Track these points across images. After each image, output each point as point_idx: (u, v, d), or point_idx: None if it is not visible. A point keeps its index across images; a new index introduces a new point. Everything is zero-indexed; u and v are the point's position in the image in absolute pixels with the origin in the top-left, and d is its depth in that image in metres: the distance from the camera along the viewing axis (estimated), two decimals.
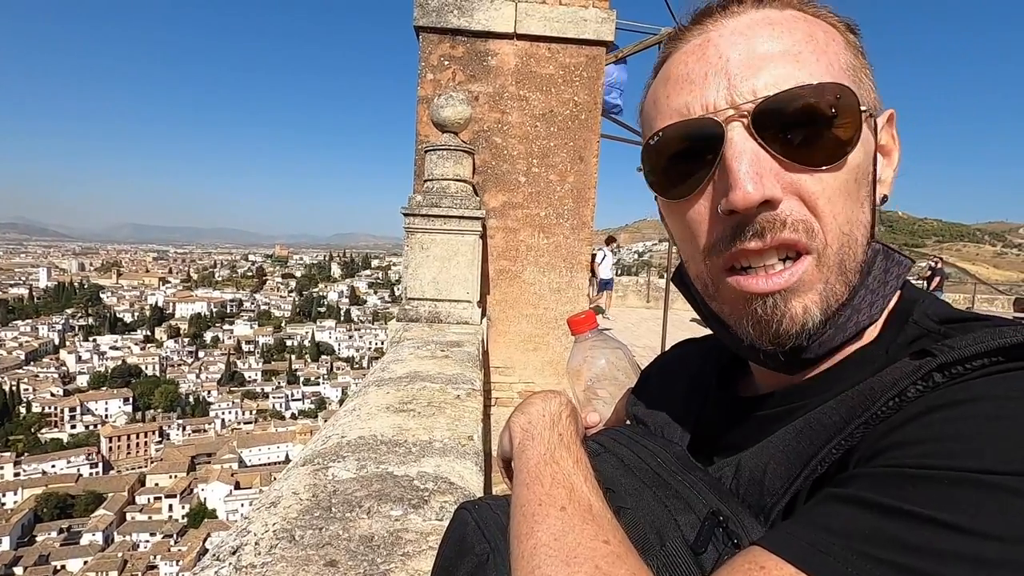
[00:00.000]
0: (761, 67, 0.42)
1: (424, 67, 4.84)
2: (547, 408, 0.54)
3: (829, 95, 0.41)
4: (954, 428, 0.33)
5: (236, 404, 68.73)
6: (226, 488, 46.85)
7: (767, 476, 0.43)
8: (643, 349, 7.48)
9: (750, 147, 0.41)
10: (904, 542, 0.30)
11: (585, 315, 0.72)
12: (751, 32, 0.43)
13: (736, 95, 0.42)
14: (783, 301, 0.43)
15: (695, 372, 0.60)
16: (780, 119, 0.41)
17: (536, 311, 5.07)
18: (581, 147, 4.99)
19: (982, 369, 0.35)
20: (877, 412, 0.37)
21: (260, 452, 56.15)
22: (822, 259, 0.42)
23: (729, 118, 0.42)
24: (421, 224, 3.98)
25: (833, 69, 0.43)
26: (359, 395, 2.16)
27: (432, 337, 3.43)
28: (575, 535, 0.39)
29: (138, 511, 46.05)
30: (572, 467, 0.46)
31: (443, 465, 1.48)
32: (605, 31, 4.89)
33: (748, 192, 0.40)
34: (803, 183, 0.41)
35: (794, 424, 0.43)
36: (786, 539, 0.34)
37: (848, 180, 0.42)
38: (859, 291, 0.44)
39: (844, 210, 0.42)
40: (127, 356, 77.23)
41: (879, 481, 0.33)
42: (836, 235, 0.42)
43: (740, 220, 0.42)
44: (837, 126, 0.41)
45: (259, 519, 1.16)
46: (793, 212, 0.41)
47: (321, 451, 1.55)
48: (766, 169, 0.41)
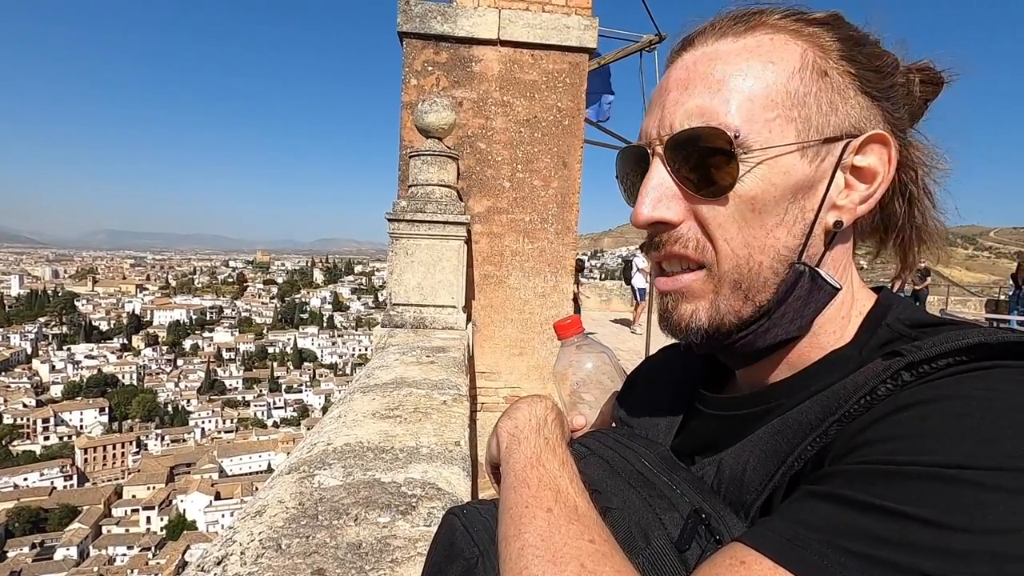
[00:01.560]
0: (684, 103, 0.47)
1: (408, 73, 4.84)
2: (533, 412, 0.55)
3: (717, 138, 0.45)
4: (922, 425, 0.34)
5: (216, 413, 67.53)
6: (206, 499, 45.92)
7: (747, 474, 0.44)
8: (627, 353, 7.53)
9: (659, 174, 0.49)
10: (875, 535, 0.32)
11: (571, 320, 0.73)
12: (694, 67, 0.48)
13: (661, 128, 0.48)
14: (674, 301, 0.50)
15: (679, 374, 0.61)
16: (683, 153, 0.47)
17: (521, 316, 5.08)
18: (565, 152, 5.03)
19: (948, 368, 0.37)
20: (850, 410, 0.39)
21: (241, 461, 55.19)
22: (712, 275, 0.48)
23: (654, 148, 0.49)
24: (406, 229, 3.97)
25: (752, 106, 0.45)
26: (344, 402, 2.15)
27: (418, 343, 3.42)
28: (561, 535, 0.40)
29: (114, 524, 44.92)
30: (558, 469, 0.48)
31: (430, 471, 1.48)
32: (588, 38, 4.94)
33: (641, 212, 0.48)
34: (699, 209, 0.48)
35: (772, 423, 0.45)
36: (765, 535, 0.36)
37: (740, 208, 0.46)
38: (778, 309, 0.47)
39: (739, 235, 0.46)
40: (103, 365, 75.44)
41: (852, 477, 0.35)
42: (728, 255, 0.47)
43: (650, 232, 0.50)
44: (719, 166, 0.45)
45: (244, 528, 1.15)
46: (689, 232, 0.48)
47: (306, 459, 1.53)
48: (668, 195, 0.48)
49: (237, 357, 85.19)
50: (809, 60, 0.46)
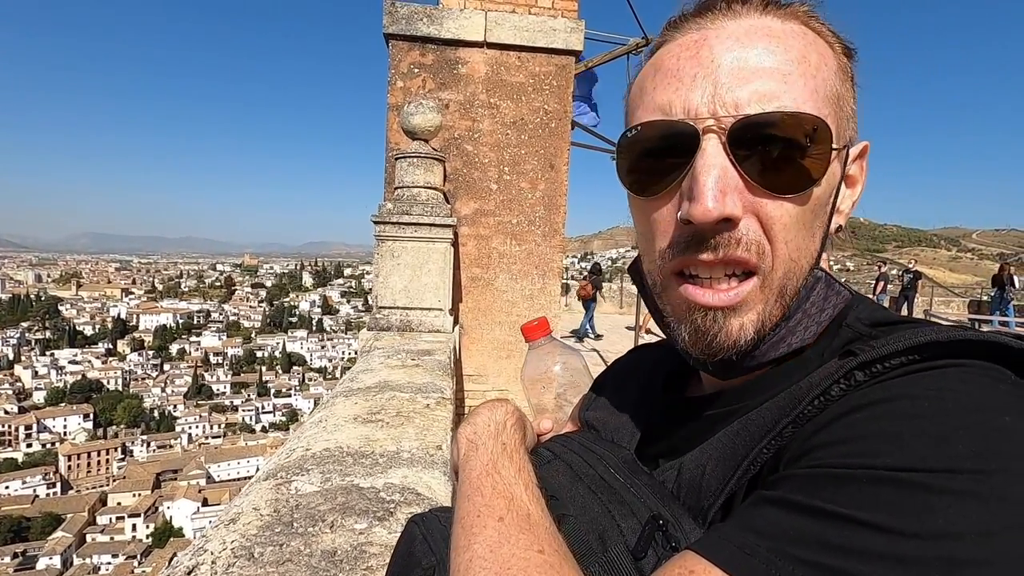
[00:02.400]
0: (749, 80, 0.41)
1: (394, 74, 4.82)
2: (493, 417, 0.54)
3: (807, 126, 0.41)
4: (874, 427, 0.34)
5: (204, 418, 66.68)
6: (193, 505, 45.34)
7: (705, 478, 0.43)
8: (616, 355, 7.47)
9: (721, 162, 0.41)
10: (826, 542, 0.31)
11: (538, 321, 0.73)
12: (748, 40, 0.42)
13: (719, 106, 0.41)
14: (723, 317, 0.44)
15: (647, 376, 0.61)
16: (755, 140, 0.41)
17: (509, 318, 5.07)
18: (552, 155, 5.04)
19: (900, 368, 0.37)
20: (804, 411, 0.38)
21: (229, 467, 54.56)
22: (766, 282, 0.43)
23: (707, 128, 0.42)
24: (392, 232, 3.95)
25: (818, 97, 0.42)
26: (326, 406, 2.12)
27: (403, 346, 3.40)
28: (510, 546, 0.39)
29: (99, 532, 44.15)
30: (514, 476, 0.47)
31: (411, 476, 1.46)
32: (574, 41, 4.96)
33: (708, 208, 0.40)
34: (764, 206, 0.42)
35: (732, 426, 0.44)
36: (716, 542, 0.35)
37: (807, 211, 0.43)
38: (796, 314, 0.45)
39: (796, 238, 0.43)
40: (87, 370, 74.25)
41: (804, 482, 0.34)
42: (784, 261, 0.43)
43: (698, 231, 0.42)
44: (808, 158, 0.41)
45: (217, 537, 1.13)
46: (749, 232, 0.42)
47: (284, 464, 1.51)
48: (731, 186, 0.41)
49: (225, 361, 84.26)
50: (840, 62, 0.46)
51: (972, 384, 0.34)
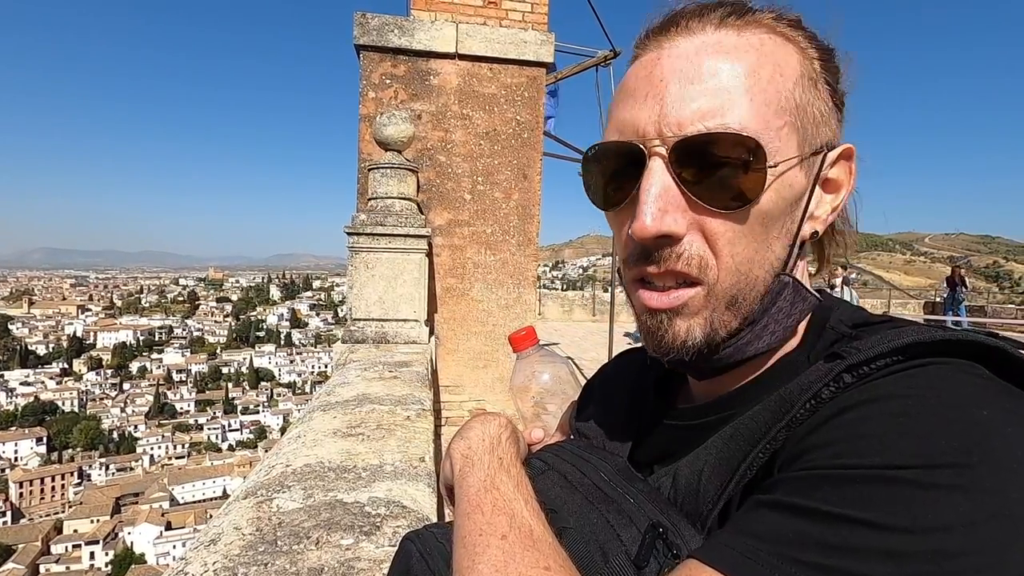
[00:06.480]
0: (694, 99, 0.42)
1: (366, 85, 4.80)
2: (486, 431, 0.54)
3: (743, 146, 0.42)
4: (864, 427, 0.35)
5: (166, 438, 64.26)
6: (156, 529, 43.49)
7: (702, 484, 0.44)
8: (590, 362, 7.60)
9: (663, 180, 0.43)
10: (824, 542, 0.32)
11: (526, 331, 0.73)
12: (697, 58, 0.43)
13: (664, 125, 0.43)
14: (668, 319, 0.46)
15: (635, 383, 0.61)
16: (695, 158, 0.42)
17: (485, 328, 5.06)
18: (525, 165, 5.08)
19: (886, 368, 0.38)
20: (796, 415, 0.39)
21: (194, 488, 52.62)
22: (712, 292, 0.45)
23: (652, 148, 0.44)
24: (366, 243, 3.91)
25: (768, 110, 0.43)
26: (304, 421, 2.08)
27: (379, 358, 3.36)
28: (516, 565, 0.40)
29: (54, 562, 41.88)
30: (512, 492, 0.47)
31: (395, 489, 1.45)
32: (545, 52, 5.03)
33: (646, 225, 0.43)
34: (707, 223, 0.44)
35: (724, 431, 0.45)
36: (718, 549, 0.36)
37: (754, 224, 0.44)
38: (762, 319, 0.46)
39: (744, 251, 0.44)
40: (40, 392, 70.79)
41: (799, 484, 0.35)
42: (730, 272, 0.44)
43: (644, 245, 0.45)
44: (744, 177, 0.42)
45: (198, 559, 1.09)
46: (692, 247, 0.44)
47: (264, 482, 1.48)
48: (672, 204, 0.43)
49: (189, 379, 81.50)
50: (806, 68, 0.46)
51: (953, 381, 0.36)
